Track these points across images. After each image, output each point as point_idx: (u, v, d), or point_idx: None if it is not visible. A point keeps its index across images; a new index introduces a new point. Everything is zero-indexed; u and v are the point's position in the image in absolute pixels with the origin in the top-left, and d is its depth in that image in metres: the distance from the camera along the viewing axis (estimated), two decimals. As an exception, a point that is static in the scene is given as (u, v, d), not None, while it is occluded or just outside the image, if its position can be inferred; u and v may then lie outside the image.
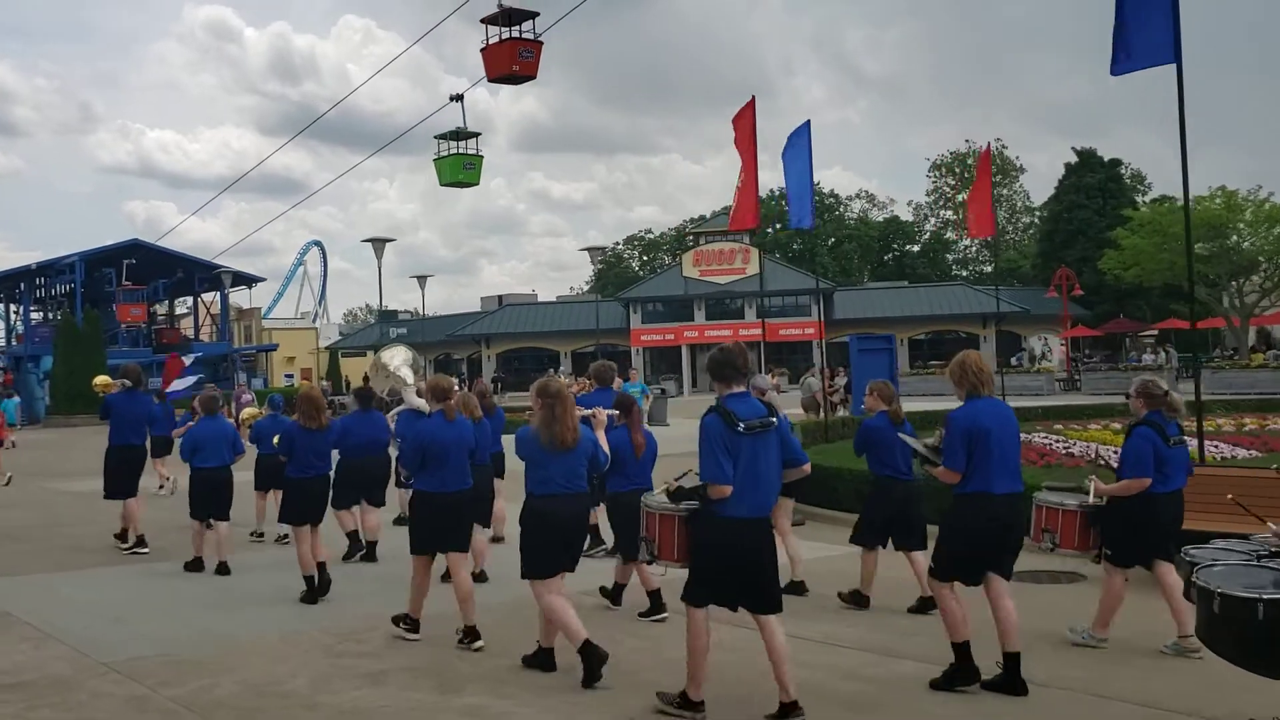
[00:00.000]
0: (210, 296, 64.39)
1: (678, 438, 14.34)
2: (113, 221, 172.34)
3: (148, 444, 12.27)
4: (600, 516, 9.45)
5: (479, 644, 7.08)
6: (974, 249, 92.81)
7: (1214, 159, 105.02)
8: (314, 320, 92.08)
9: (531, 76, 23.53)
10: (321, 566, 8.86)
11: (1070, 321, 49.50)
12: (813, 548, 10.19)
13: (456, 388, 8.11)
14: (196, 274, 61.43)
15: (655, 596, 7.79)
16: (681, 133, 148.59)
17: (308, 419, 8.94)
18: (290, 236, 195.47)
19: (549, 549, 6.29)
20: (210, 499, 10.18)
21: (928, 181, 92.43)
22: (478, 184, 20.51)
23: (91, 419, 50.07)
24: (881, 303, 60.42)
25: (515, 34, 22.66)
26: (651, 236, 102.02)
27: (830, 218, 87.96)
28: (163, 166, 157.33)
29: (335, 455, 9.99)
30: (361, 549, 10.66)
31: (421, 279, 50.28)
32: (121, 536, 11.74)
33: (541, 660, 6.55)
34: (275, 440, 9.69)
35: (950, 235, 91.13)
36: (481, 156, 21.17)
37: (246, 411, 15.13)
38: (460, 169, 20.90)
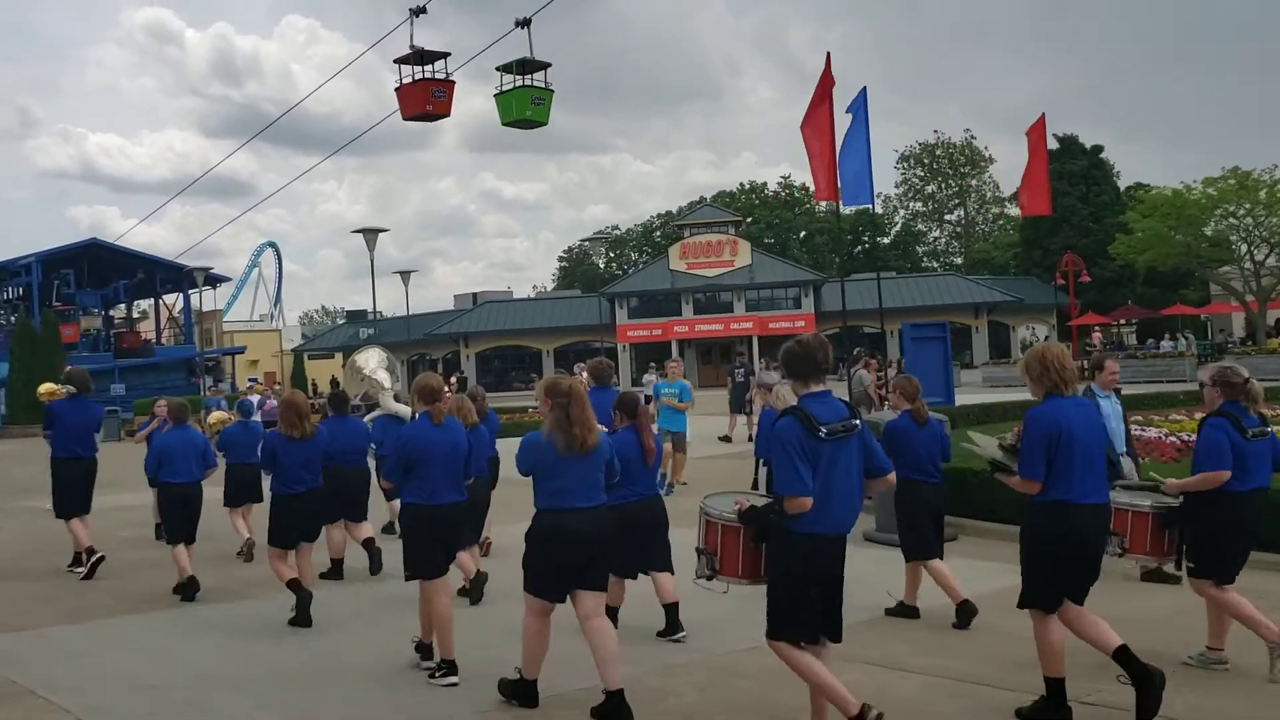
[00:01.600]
0: (171, 298, 61.63)
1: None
2: (55, 227, 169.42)
3: (97, 456, 11.11)
4: None
5: (453, 679, 6.32)
6: (943, 241, 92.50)
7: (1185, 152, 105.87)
8: (271, 322, 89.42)
9: (445, 115, 23.66)
10: (295, 583, 8.03)
11: (1079, 309, 48.46)
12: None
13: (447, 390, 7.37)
14: (158, 275, 58.66)
15: (672, 612, 7.12)
16: (631, 133, 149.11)
17: (290, 427, 8.11)
18: (238, 239, 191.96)
19: (559, 570, 5.63)
20: (184, 517, 9.32)
21: (896, 173, 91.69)
22: (546, 123, 17.99)
23: (54, 429, 47.85)
24: (870, 294, 59.23)
25: (428, 74, 22.75)
26: (618, 233, 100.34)
27: (800, 211, 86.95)
28: (106, 170, 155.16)
29: None
30: (340, 575, 9.80)
31: (405, 274, 48.18)
32: (77, 561, 10.59)
33: (521, 692, 5.82)
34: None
35: (921, 227, 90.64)
36: (552, 91, 18.64)
37: (214, 416, 13.82)
38: (528, 104, 18.55)
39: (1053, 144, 67.81)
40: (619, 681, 5.49)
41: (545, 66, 19.73)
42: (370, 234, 35.85)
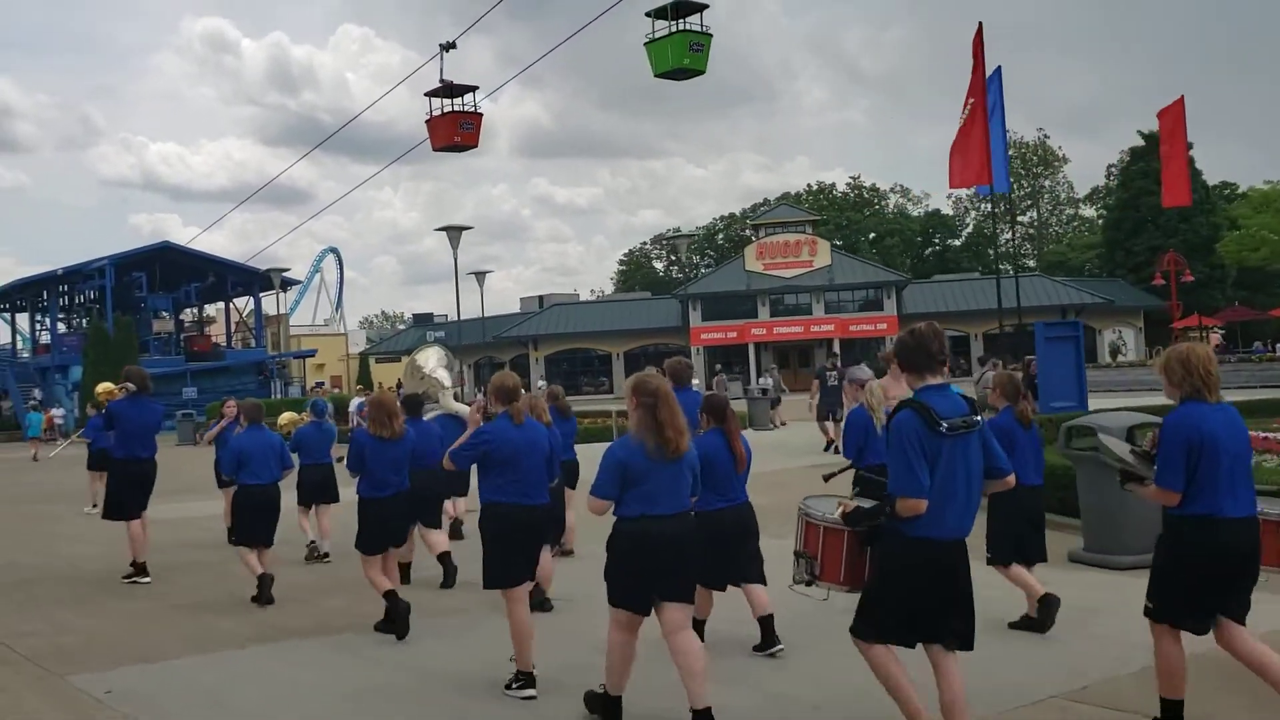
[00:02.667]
0: (241, 302, 61.23)
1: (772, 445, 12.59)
2: (118, 234, 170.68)
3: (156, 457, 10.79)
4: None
5: (531, 692, 6.06)
6: (1016, 243, 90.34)
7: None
8: (332, 327, 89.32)
9: (473, 145, 24.91)
10: (392, 595, 7.66)
11: (1180, 311, 46.56)
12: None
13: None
14: (229, 278, 58.24)
15: (767, 625, 6.71)
16: (683, 136, 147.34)
17: (380, 427, 7.84)
18: (295, 245, 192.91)
19: (644, 579, 5.29)
20: (260, 520, 9.14)
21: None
22: (704, 71, 16.40)
23: (124, 433, 47.46)
24: (954, 296, 57.54)
25: (457, 107, 24.06)
26: (678, 236, 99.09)
27: (870, 212, 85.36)
28: (165, 179, 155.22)
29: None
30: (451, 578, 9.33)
31: (480, 275, 47.19)
32: (142, 570, 10.25)
33: (605, 708, 5.49)
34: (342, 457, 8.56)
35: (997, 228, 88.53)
36: (710, 35, 17.13)
37: (285, 417, 13.32)
38: (684, 51, 17.02)
39: (1137, 140, 65.99)
40: (706, 700, 5.16)
41: (703, 8, 17.90)
42: (454, 231, 34.90)
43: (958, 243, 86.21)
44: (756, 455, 7.32)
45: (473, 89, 24.59)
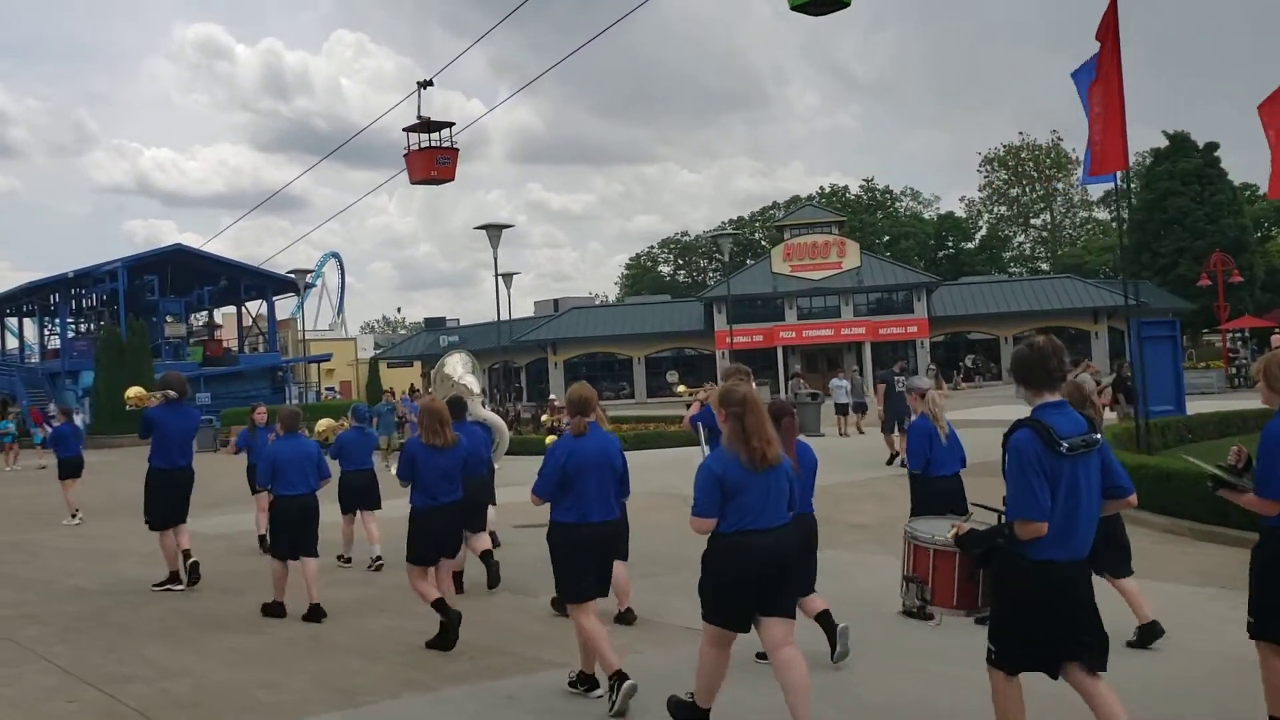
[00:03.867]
0: (253, 306, 59.95)
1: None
2: (112, 241, 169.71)
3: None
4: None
5: (598, 692, 6.13)
6: (1029, 246, 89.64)
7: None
8: (334, 332, 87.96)
9: (449, 179, 25.79)
10: (440, 603, 7.53)
11: (1227, 313, 45.63)
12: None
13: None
14: (242, 281, 56.93)
15: (826, 620, 6.69)
16: (676, 142, 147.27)
17: (432, 435, 7.71)
18: (293, 252, 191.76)
19: (744, 595, 5.19)
20: (296, 531, 8.89)
21: (979, 177, 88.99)
22: (849, 3, 14.89)
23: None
24: (984, 298, 56.54)
25: (434, 142, 24.86)
26: (687, 239, 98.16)
27: (884, 214, 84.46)
28: (160, 185, 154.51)
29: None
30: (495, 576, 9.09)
31: (507, 276, 45.78)
32: (174, 578, 10.29)
33: (690, 717, 5.43)
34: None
35: (1006, 231, 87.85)
36: None
37: (323, 423, 13.06)
38: None
39: (1161, 141, 65.18)
40: (809, 718, 5.14)
41: None
42: (494, 230, 33.65)
43: (971, 245, 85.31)
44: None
45: (449, 125, 25.57)
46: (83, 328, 55.92)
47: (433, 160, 25.68)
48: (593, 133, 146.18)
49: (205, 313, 60.67)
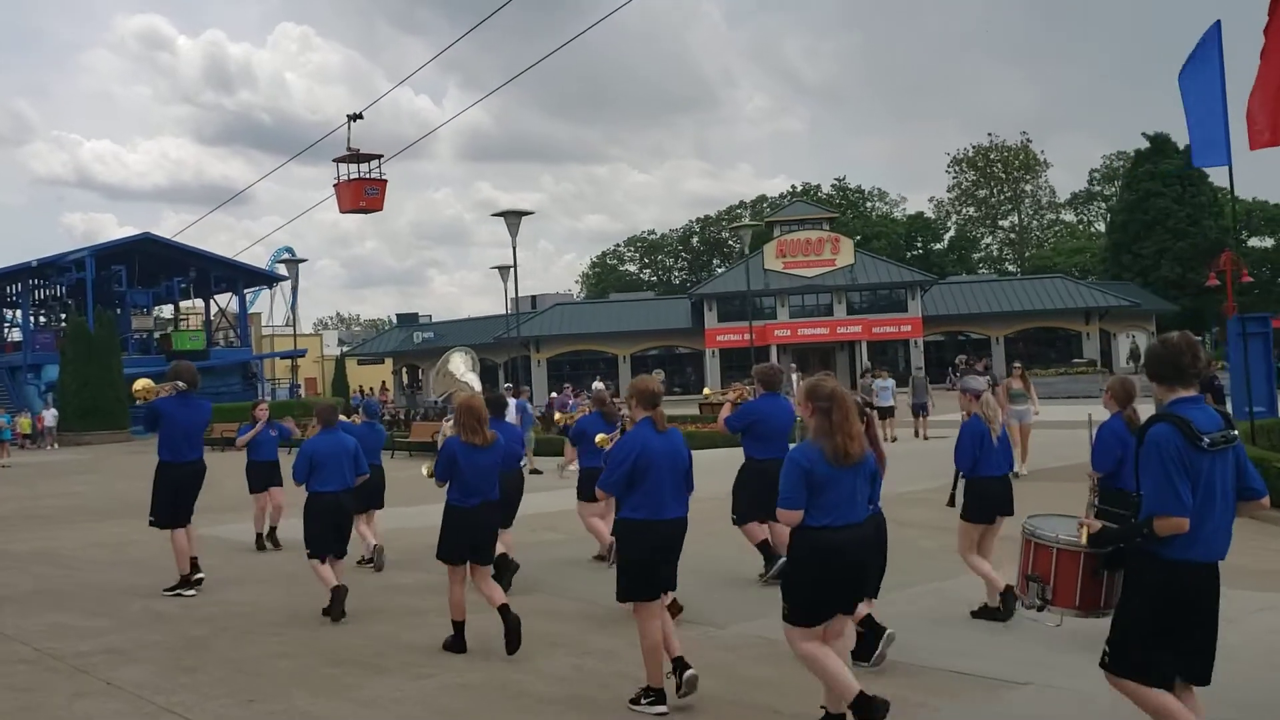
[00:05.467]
0: (223, 299, 57.61)
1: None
2: (51, 234, 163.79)
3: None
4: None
5: (662, 709, 5.83)
6: (996, 248, 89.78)
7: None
8: (286, 327, 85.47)
9: (378, 209, 26.49)
10: (505, 610, 7.25)
11: (1253, 311, 45.30)
12: None
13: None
14: (212, 273, 54.62)
15: (869, 624, 6.51)
16: (625, 142, 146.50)
17: (471, 433, 7.50)
18: (235, 248, 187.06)
19: (829, 592, 5.10)
20: (334, 529, 8.75)
21: (948, 177, 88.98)
22: None
23: (113, 435, 43.86)
24: (975, 297, 56.03)
25: (363, 173, 25.58)
26: (653, 238, 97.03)
27: (856, 214, 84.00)
28: (100, 177, 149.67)
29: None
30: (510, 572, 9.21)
31: (504, 269, 44.14)
32: (185, 582, 9.84)
33: None
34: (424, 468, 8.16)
35: (974, 232, 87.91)
36: None
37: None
38: None
39: (1142, 143, 65.36)
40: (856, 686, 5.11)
41: None
42: (513, 216, 32.08)
43: (941, 246, 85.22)
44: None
45: (378, 156, 26.12)
46: (47, 319, 53.15)
47: (361, 191, 26.65)
48: (543, 131, 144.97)
49: (170, 305, 58.28)
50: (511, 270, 45.06)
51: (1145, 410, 7.72)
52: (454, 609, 7.48)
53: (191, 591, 9.73)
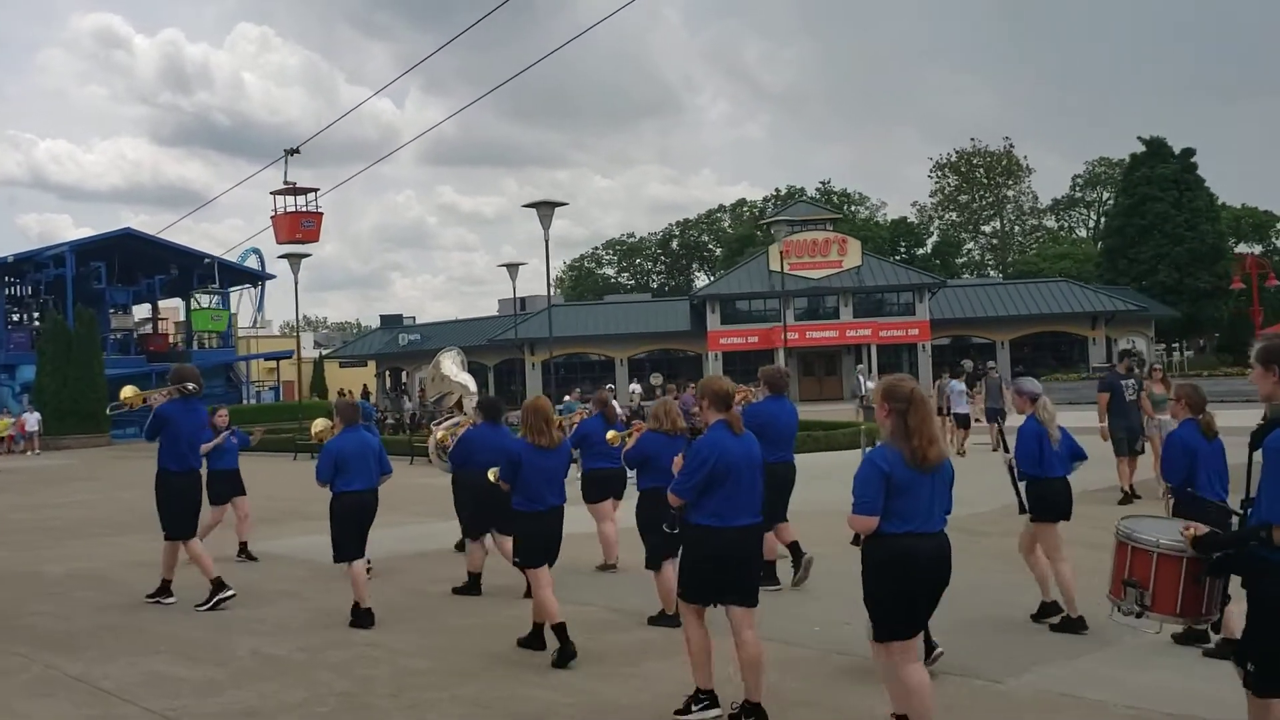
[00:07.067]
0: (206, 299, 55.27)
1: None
2: (4, 235, 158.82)
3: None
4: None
5: (716, 712, 5.74)
6: (978, 253, 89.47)
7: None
8: (254, 329, 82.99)
9: (315, 240, 27.07)
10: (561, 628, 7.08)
11: (1261, 318, 44.92)
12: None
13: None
14: (195, 270, 52.31)
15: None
16: (589, 147, 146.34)
17: (537, 434, 7.32)
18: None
19: (910, 602, 4.93)
20: (361, 532, 8.68)
21: (930, 182, 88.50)
22: None
23: (93, 439, 41.57)
24: (981, 301, 55.18)
25: (299, 206, 25.71)
26: (632, 241, 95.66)
27: (841, 217, 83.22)
28: (55, 177, 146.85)
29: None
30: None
31: (512, 266, 42.50)
32: (164, 591, 9.61)
33: None
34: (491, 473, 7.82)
35: (957, 237, 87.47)
36: None
37: (320, 423, 12.08)
38: None
39: (1138, 147, 64.99)
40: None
41: None
42: (545, 208, 30.49)
43: (924, 251, 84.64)
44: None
45: (314, 190, 27.20)
46: (17, 317, 50.54)
47: (298, 224, 26.73)
48: (505, 136, 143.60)
49: (147, 304, 55.88)
50: (518, 268, 43.74)
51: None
52: (541, 611, 7.36)
53: (173, 599, 9.50)
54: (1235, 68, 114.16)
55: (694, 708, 5.81)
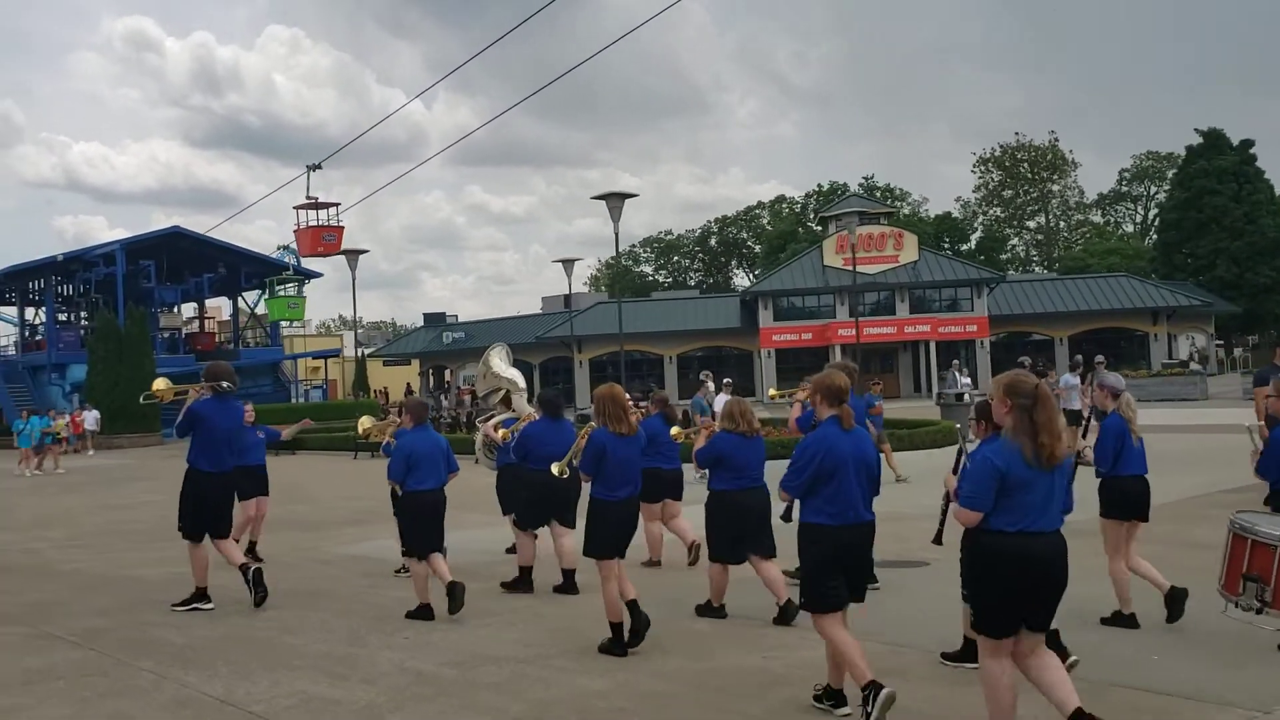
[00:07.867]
0: (252, 296, 54.92)
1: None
2: (42, 237, 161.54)
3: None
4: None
5: (845, 711, 5.67)
6: (1023, 249, 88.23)
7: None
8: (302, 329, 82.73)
9: (337, 252, 27.34)
10: (634, 605, 7.16)
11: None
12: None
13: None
14: (243, 269, 51.87)
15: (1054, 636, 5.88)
16: (616, 146, 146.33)
17: (616, 422, 7.23)
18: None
19: (1020, 603, 4.75)
20: (434, 527, 8.64)
21: (974, 177, 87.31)
22: None
23: (145, 438, 41.07)
24: (1039, 296, 54.09)
25: (322, 220, 26.22)
26: (670, 239, 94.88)
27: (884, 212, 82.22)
28: (89, 180, 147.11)
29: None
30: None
31: (568, 262, 41.85)
32: (201, 597, 9.26)
33: None
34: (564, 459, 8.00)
35: (1001, 232, 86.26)
36: None
37: (367, 421, 12.99)
38: None
39: (1192, 139, 63.77)
40: (1076, 698, 4.77)
41: None
42: (615, 199, 29.73)
43: (968, 247, 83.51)
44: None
45: (335, 204, 28.11)
46: (64, 317, 50.22)
47: (319, 237, 27.31)
48: (533, 135, 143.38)
49: (193, 303, 55.51)
50: (574, 264, 43.08)
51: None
52: (610, 609, 7.19)
53: (210, 605, 9.17)
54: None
55: (825, 702, 5.80)
